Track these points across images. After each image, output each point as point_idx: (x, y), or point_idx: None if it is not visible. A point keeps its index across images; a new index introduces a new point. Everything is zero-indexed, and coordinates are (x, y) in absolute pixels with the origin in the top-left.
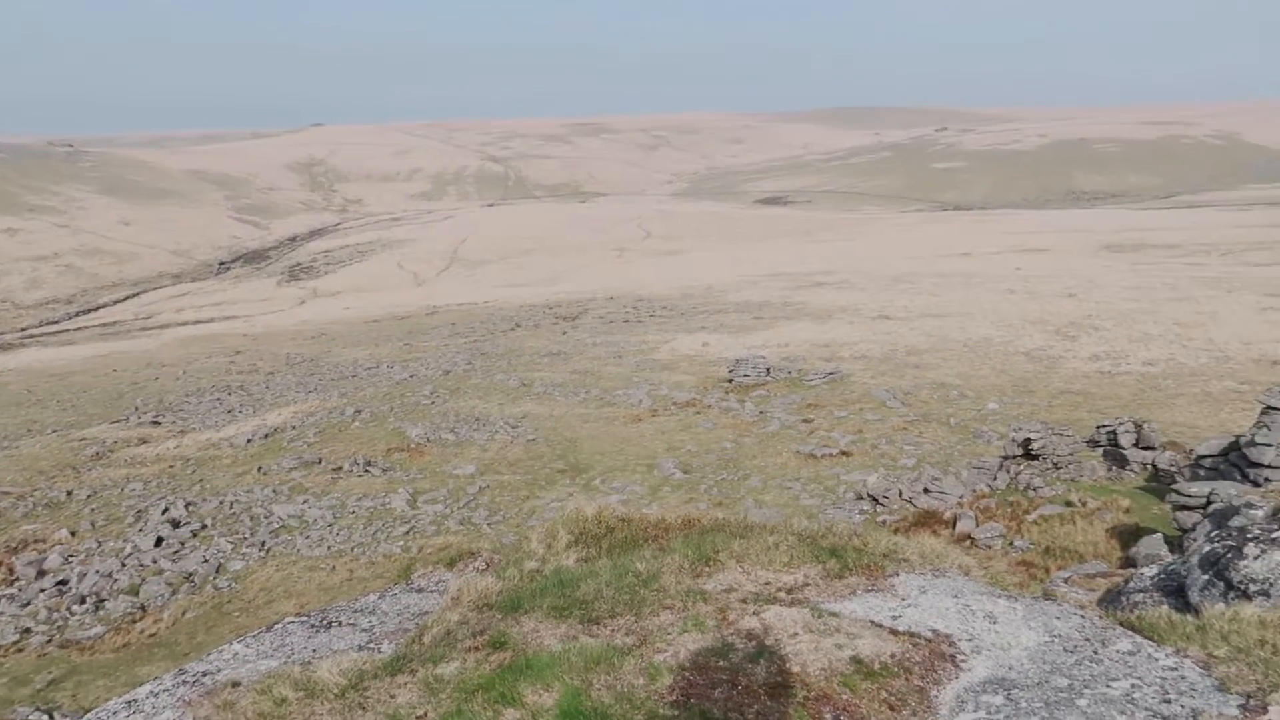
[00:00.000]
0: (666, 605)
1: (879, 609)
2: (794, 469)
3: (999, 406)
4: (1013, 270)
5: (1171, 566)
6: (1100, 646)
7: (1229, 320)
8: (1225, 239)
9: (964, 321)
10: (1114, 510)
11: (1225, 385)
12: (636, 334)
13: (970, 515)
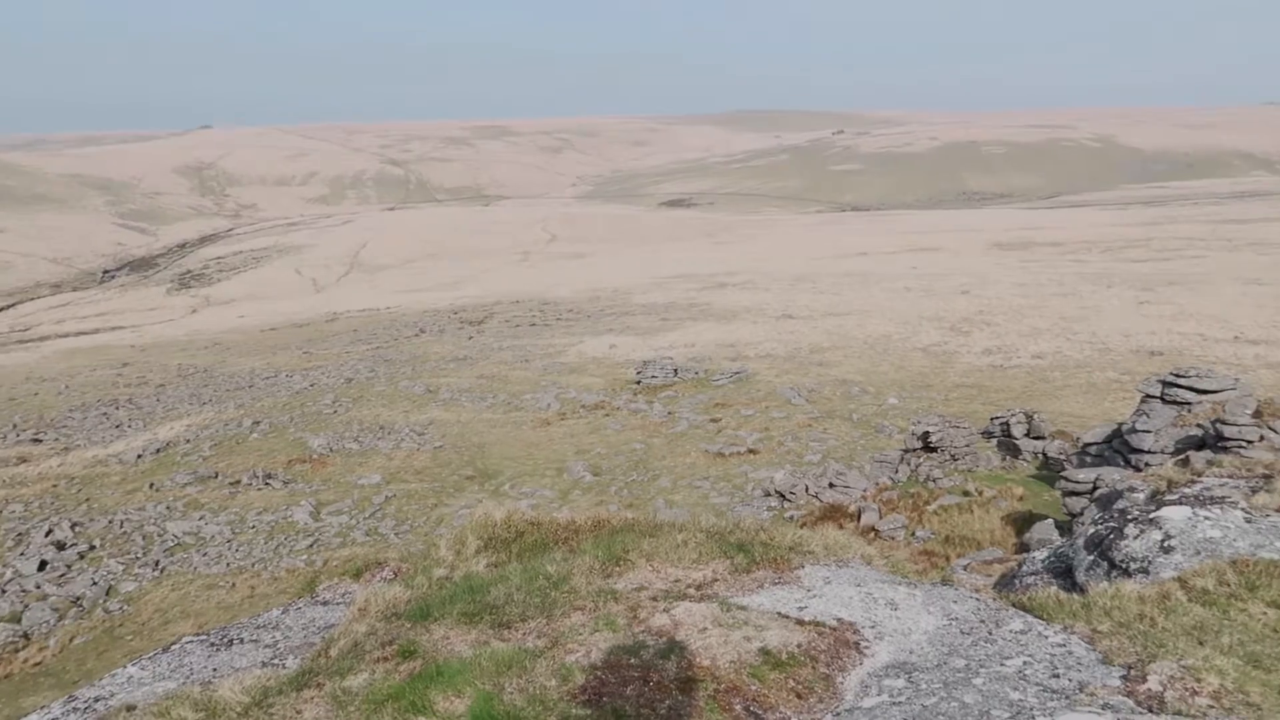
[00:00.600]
0: (578, 606)
1: (786, 601)
2: (703, 468)
3: (899, 401)
4: (909, 269)
5: (1061, 549)
6: (994, 627)
7: (1110, 314)
8: (1105, 236)
9: (864, 319)
10: (1008, 498)
11: (1108, 376)
12: (544, 338)
13: (874, 508)
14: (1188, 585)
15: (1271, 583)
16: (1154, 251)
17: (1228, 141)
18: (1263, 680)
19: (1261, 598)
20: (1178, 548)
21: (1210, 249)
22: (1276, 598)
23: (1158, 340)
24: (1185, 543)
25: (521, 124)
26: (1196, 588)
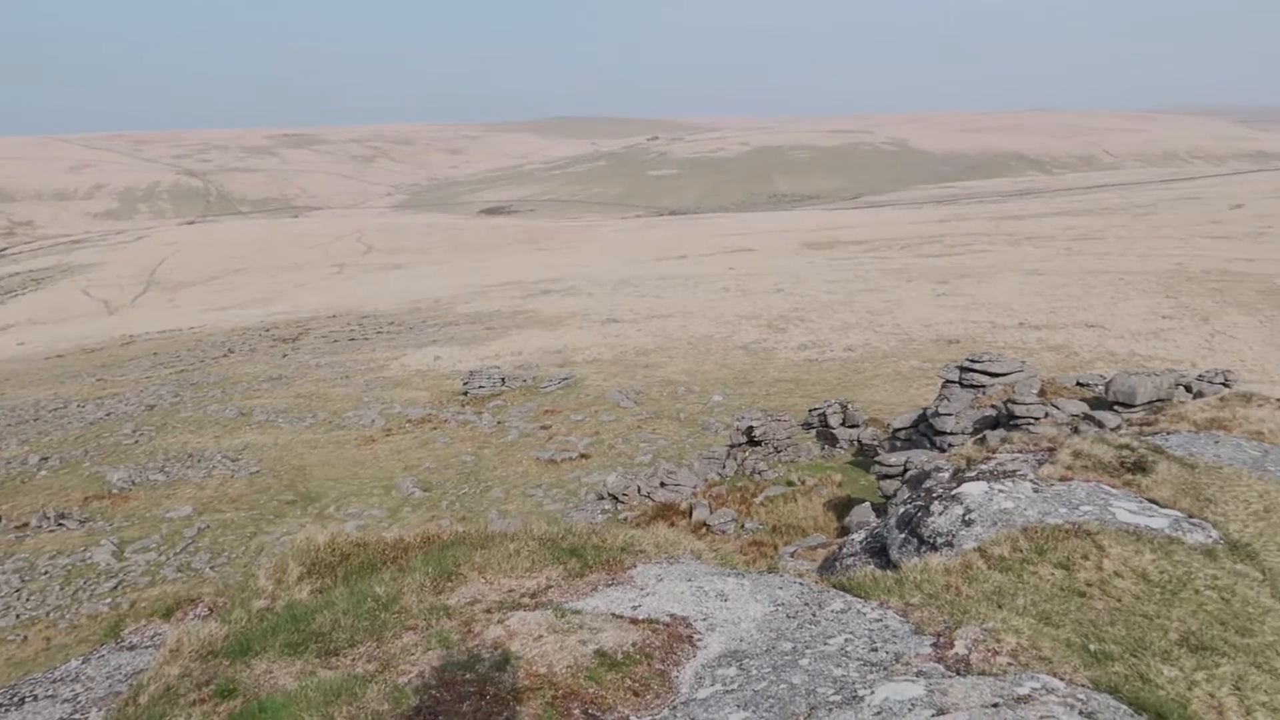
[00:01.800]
0: (409, 625)
1: (620, 601)
2: (535, 475)
3: (723, 398)
4: (727, 270)
5: (876, 530)
6: (818, 609)
7: (911, 306)
8: (903, 234)
9: (686, 320)
10: (829, 485)
11: (912, 364)
12: (364, 352)
13: (704, 504)
14: (987, 554)
15: (1057, 546)
16: (947, 247)
17: (1005, 144)
18: (1053, 635)
19: (1049, 560)
20: (977, 520)
21: (995, 243)
22: (1062, 559)
23: (954, 329)
24: (983, 515)
25: (330, 131)
26: (994, 556)
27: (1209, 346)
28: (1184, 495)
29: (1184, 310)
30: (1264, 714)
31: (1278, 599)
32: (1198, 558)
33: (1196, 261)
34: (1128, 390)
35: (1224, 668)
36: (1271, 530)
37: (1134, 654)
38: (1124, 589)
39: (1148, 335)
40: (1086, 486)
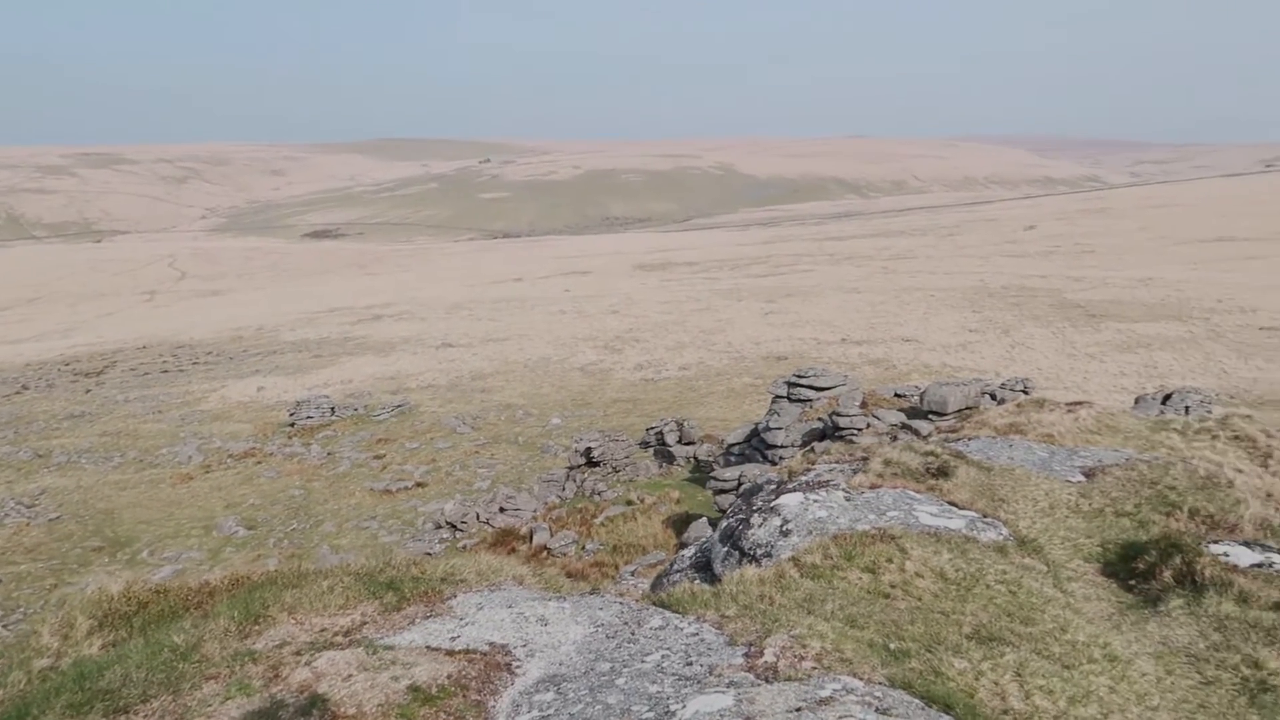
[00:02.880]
0: (210, 675)
1: (438, 633)
2: (370, 507)
3: (562, 421)
4: (562, 292)
5: (705, 544)
6: (637, 627)
7: (742, 325)
8: (732, 255)
9: (523, 343)
10: (667, 503)
11: (744, 381)
12: (179, 384)
13: (545, 527)
14: (800, 563)
15: (865, 551)
16: (773, 267)
17: (824, 169)
18: (856, 637)
19: (858, 565)
20: (794, 530)
21: (817, 263)
22: (869, 563)
23: (782, 346)
24: (800, 525)
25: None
26: (807, 564)
27: (1010, 357)
28: (980, 497)
29: (988, 324)
30: (1040, 696)
31: (1059, 589)
32: (990, 555)
33: (997, 278)
34: (940, 400)
35: (1008, 656)
36: (1055, 525)
37: (929, 649)
38: (924, 588)
39: (957, 347)
40: (893, 493)
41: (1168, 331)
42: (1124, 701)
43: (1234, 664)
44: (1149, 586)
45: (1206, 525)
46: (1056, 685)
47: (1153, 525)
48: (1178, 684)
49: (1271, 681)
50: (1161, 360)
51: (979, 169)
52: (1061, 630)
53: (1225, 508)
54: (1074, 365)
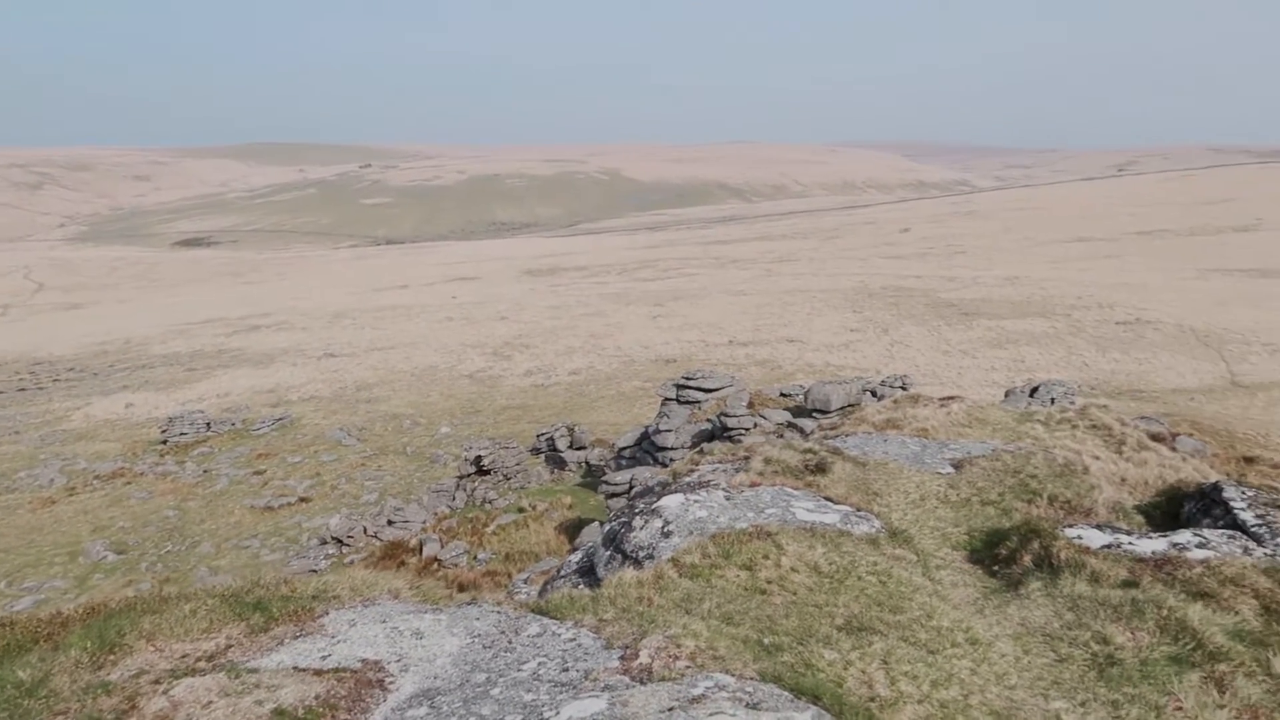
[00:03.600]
0: (59, 710)
1: (307, 653)
2: (251, 525)
3: (451, 429)
4: (449, 299)
5: (590, 549)
6: (514, 636)
7: (631, 329)
8: (620, 260)
9: (410, 352)
10: (560, 508)
11: (634, 384)
12: (38, 404)
13: (435, 538)
14: (679, 563)
15: (742, 548)
16: (661, 271)
17: (708, 173)
18: (731, 634)
19: (735, 562)
20: (675, 531)
21: (704, 266)
22: (746, 561)
23: (671, 349)
24: (681, 526)
25: None
26: (686, 564)
27: (890, 355)
28: (856, 491)
29: (868, 323)
30: (905, 682)
31: (928, 576)
32: (863, 547)
33: (876, 279)
34: (823, 398)
35: (876, 645)
36: (925, 516)
37: (801, 642)
38: (799, 582)
39: (839, 347)
40: (772, 490)
41: (1034, 328)
42: (984, 682)
43: (1085, 641)
44: (1011, 571)
45: (1064, 510)
46: (921, 670)
47: (1015, 512)
48: (1034, 662)
49: (1118, 656)
50: (1029, 355)
51: (857, 173)
52: (928, 617)
53: (1081, 493)
54: (949, 362)
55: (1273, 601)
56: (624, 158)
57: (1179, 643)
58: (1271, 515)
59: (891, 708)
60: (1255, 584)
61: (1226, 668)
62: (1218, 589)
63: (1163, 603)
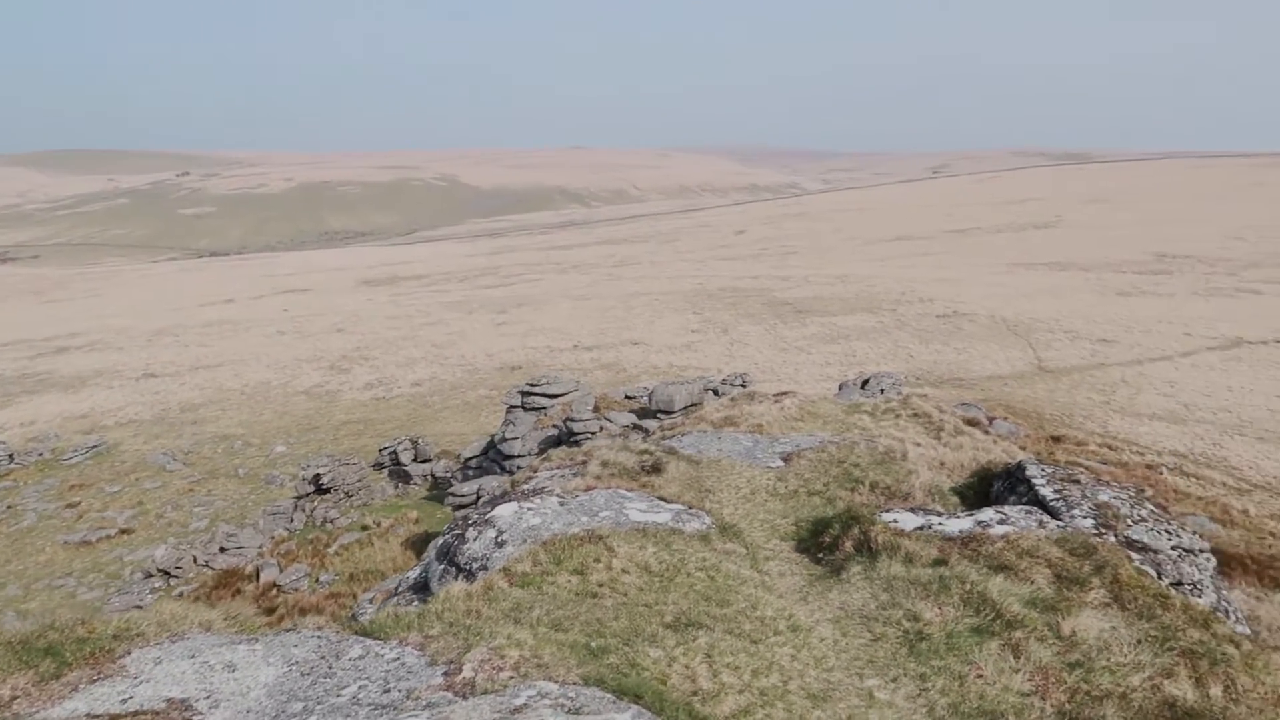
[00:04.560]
0: None
1: (105, 697)
2: (64, 562)
3: (287, 448)
4: (280, 312)
5: (427, 564)
6: (335, 660)
7: (474, 337)
8: (461, 267)
9: (239, 369)
10: (406, 524)
11: (480, 393)
12: None
13: (273, 563)
14: (511, 572)
15: (574, 553)
16: (502, 278)
17: (548, 179)
18: (559, 640)
19: (567, 568)
20: (509, 540)
21: (545, 272)
22: (578, 565)
23: (516, 356)
24: (515, 535)
25: None
26: (518, 573)
27: (730, 354)
28: (689, 489)
29: (708, 324)
30: (728, 673)
31: (756, 568)
32: (694, 544)
33: (714, 281)
34: (667, 399)
35: (701, 639)
36: (755, 509)
37: (628, 643)
38: (630, 583)
39: (682, 348)
40: (606, 493)
41: (863, 323)
42: (803, 667)
43: (897, 619)
44: (834, 557)
45: (885, 496)
46: (743, 661)
47: (839, 501)
48: (851, 644)
49: (927, 631)
50: (859, 349)
51: (692, 178)
52: (753, 608)
53: (900, 478)
54: (786, 358)
55: (1063, 570)
56: (462, 164)
57: (981, 614)
58: (1067, 489)
59: (714, 699)
60: (1048, 554)
61: (1022, 634)
62: (1016, 561)
63: (966, 578)
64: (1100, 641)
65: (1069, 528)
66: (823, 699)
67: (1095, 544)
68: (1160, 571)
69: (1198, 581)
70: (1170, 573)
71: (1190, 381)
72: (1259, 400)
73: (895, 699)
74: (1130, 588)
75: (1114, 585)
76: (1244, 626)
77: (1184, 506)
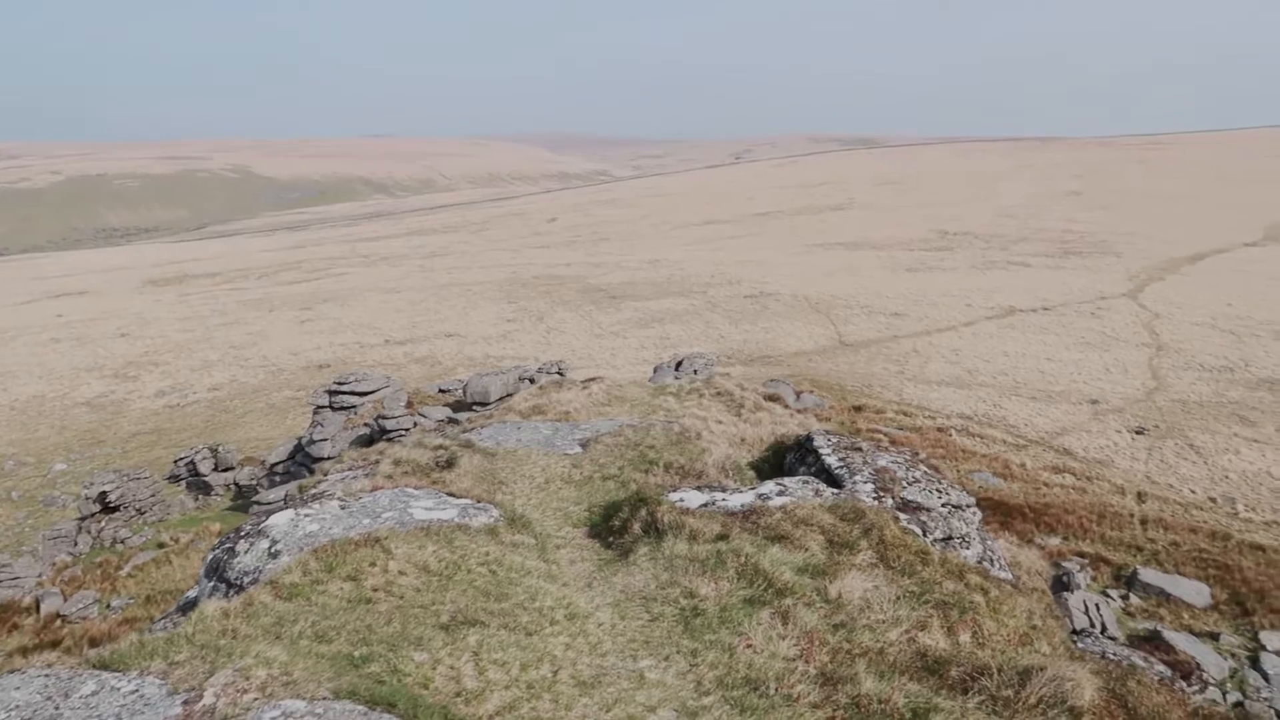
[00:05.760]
0: None
1: None
2: None
3: (68, 466)
4: (54, 318)
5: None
6: (63, 700)
7: (276, 336)
8: (259, 263)
9: (6, 381)
10: (207, 537)
11: (285, 395)
12: None
13: (56, 592)
14: (278, 585)
15: (347, 559)
16: (306, 273)
17: (350, 169)
18: (319, 653)
19: (339, 575)
20: (284, 550)
21: (352, 266)
22: (352, 571)
23: (323, 354)
24: (290, 544)
25: None
26: (285, 584)
27: (547, 342)
28: (481, 483)
29: (524, 313)
30: (495, 670)
31: (544, 558)
32: (480, 539)
33: (528, 269)
34: (482, 390)
35: (472, 638)
36: (549, 498)
37: (394, 649)
38: (407, 585)
39: (498, 338)
40: (391, 493)
41: (675, 306)
42: (577, 655)
43: (675, 598)
44: (624, 540)
45: (680, 476)
46: (513, 655)
47: (633, 483)
48: (629, 626)
49: (702, 607)
50: (673, 332)
51: (502, 166)
52: (532, 599)
53: (694, 457)
54: (602, 344)
55: (835, 535)
56: (255, 154)
57: (754, 585)
58: (850, 457)
59: (477, 699)
60: (821, 521)
61: (791, 601)
62: (792, 530)
63: (741, 551)
64: (864, 601)
65: (850, 495)
66: (592, 685)
67: (864, 508)
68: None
69: (965, 534)
70: (942, 528)
71: (972, 349)
72: (1030, 364)
73: (665, 677)
74: (894, 547)
75: (880, 546)
76: (1006, 572)
77: (971, 464)
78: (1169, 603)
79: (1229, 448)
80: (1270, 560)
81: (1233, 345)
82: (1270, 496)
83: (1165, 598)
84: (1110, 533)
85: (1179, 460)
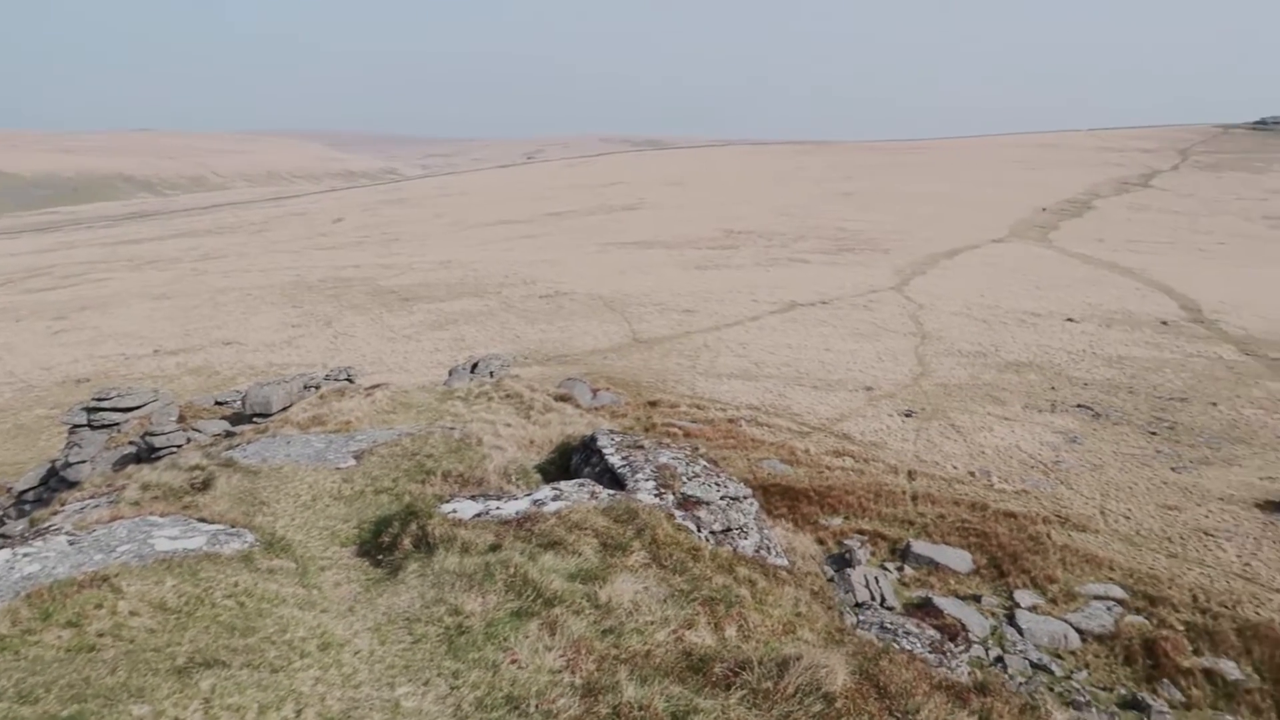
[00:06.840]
0: None
1: None
2: None
3: None
4: None
5: None
6: None
7: (25, 349)
8: (2, 268)
9: None
10: None
11: (37, 414)
12: None
13: None
14: None
15: (67, 603)
16: (59, 279)
17: (108, 165)
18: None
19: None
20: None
21: (114, 270)
22: (73, 616)
23: (82, 367)
24: (3, 589)
25: None
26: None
27: (335, 347)
28: (239, 505)
29: (309, 317)
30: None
31: (303, 583)
32: (230, 568)
33: (313, 271)
34: (263, 401)
35: (205, 682)
36: (315, 517)
37: (111, 704)
38: (139, 627)
39: (281, 345)
40: (130, 524)
41: (470, 307)
42: (327, 689)
43: (439, 616)
44: (393, 557)
45: (459, 484)
46: (251, 698)
47: (408, 495)
48: (388, 652)
49: (468, 624)
50: (468, 333)
51: (282, 164)
52: (282, 631)
53: (474, 464)
54: (394, 348)
55: (608, 538)
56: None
57: (523, 597)
58: (633, 455)
59: None
60: (596, 525)
61: (560, 610)
62: (565, 536)
63: (511, 561)
64: (633, 603)
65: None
66: None
67: (638, 508)
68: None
69: (744, 525)
70: (720, 520)
71: (758, 342)
72: (811, 355)
73: (423, 704)
74: (667, 545)
75: (653, 546)
76: (782, 559)
77: (760, 452)
78: (938, 571)
79: (984, 425)
80: (1020, 526)
81: (984, 332)
82: (1019, 469)
83: (935, 566)
84: (886, 510)
85: (943, 439)
